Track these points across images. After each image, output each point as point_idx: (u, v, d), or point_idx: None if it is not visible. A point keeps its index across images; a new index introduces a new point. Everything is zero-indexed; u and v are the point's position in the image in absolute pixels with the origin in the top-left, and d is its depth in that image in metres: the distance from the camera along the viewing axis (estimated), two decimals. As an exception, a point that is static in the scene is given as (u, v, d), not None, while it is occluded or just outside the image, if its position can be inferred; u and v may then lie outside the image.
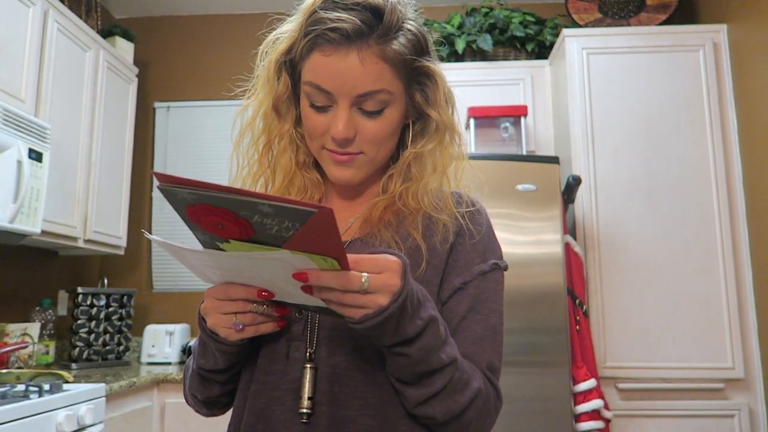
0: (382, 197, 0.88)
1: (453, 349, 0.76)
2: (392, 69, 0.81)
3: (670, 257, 2.48)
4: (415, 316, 0.70)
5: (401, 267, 0.68)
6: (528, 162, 2.40)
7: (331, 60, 0.79)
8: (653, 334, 2.44)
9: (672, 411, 2.38)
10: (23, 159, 2.13)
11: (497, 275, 0.87)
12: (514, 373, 2.20)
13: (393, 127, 0.85)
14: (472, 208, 0.88)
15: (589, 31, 2.73)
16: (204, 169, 3.44)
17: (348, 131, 0.81)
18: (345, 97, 0.80)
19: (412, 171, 0.88)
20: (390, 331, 0.69)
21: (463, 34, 3.00)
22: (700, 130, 2.56)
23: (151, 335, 3.05)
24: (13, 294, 2.73)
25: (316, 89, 0.81)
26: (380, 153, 0.85)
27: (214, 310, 0.75)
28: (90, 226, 2.71)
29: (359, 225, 0.88)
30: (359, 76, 0.79)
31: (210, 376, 0.86)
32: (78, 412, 1.92)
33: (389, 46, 0.80)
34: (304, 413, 0.77)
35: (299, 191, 0.91)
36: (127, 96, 3.09)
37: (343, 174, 0.85)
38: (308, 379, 0.78)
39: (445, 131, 0.89)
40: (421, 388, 0.75)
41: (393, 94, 0.82)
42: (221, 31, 3.54)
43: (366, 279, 0.65)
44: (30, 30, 2.33)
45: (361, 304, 0.66)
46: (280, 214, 0.58)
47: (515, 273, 2.24)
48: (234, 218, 0.60)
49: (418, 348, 0.71)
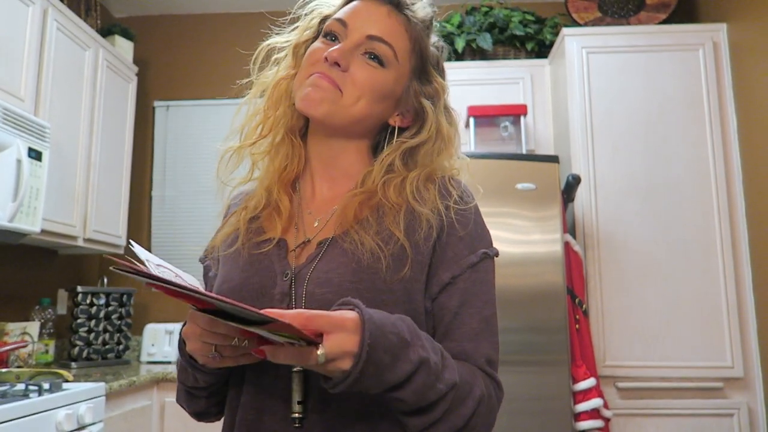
0: (360, 190, 0.84)
1: (451, 374, 0.73)
2: (409, 41, 0.87)
3: (669, 256, 2.48)
4: (399, 361, 0.67)
5: (357, 325, 0.65)
6: (527, 161, 2.40)
7: (364, 3, 0.86)
8: (652, 333, 2.44)
9: (671, 410, 2.38)
10: (23, 158, 2.13)
11: (487, 264, 0.84)
12: (514, 372, 2.20)
13: (382, 88, 0.84)
14: (459, 203, 0.84)
15: (589, 30, 2.73)
16: (203, 167, 3.43)
17: (342, 55, 0.82)
18: (356, 32, 0.84)
19: (395, 164, 0.86)
20: (371, 384, 0.67)
21: (462, 33, 3.00)
22: (700, 129, 2.56)
23: (151, 334, 3.05)
24: (13, 293, 2.73)
25: (334, 21, 0.86)
26: (357, 107, 0.83)
27: (196, 336, 0.72)
28: (89, 225, 2.71)
29: (335, 220, 0.84)
30: (379, 21, 0.84)
31: (194, 392, 0.86)
32: (78, 411, 1.92)
33: (415, 24, 0.87)
34: (296, 418, 0.75)
35: (283, 158, 0.90)
36: (126, 95, 3.09)
37: (309, 95, 0.82)
38: (297, 383, 0.76)
39: (438, 134, 0.88)
40: (423, 417, 0.73)
41: (398, 61, 0.85)
42: (221, 29, 3.54)
43: (322, 352, 0.63)
44: (29, 29, 2.33)
45: (326, 372, 0.66)
46: (237, 310, 0.61)
47: (514, 272, 2.24)
48: (196, 300, 0.63)
49: (411, 392, 0.69)
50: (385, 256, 0.78)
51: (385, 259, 0.78)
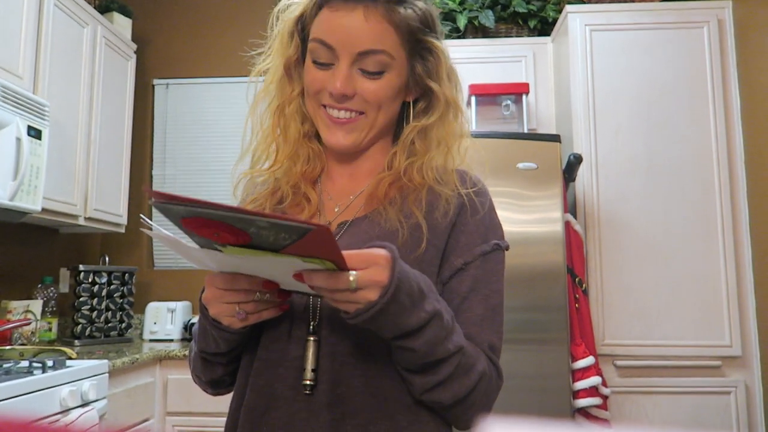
0: (388, 173, 0.88)
1: (459, 337, 0.76)
2: (396, 33, 0.83)
3: (670, 236, 2.48)
4: (416, 308, 0.70)
5: (389, 261, 0.68)
6: (529, 140, 2.39)
7: (338, 15, 0.81)
8: (652, 312, 2.45)
9: (669, 388, 2.41)
10: (22, 136, 2.12)
11: (498, 255, 0.87)
12: (514, 350, 2.22)
13: (392, 91, 0.85)
14: (475, 188, 0.88)
15: (593, 8, 2.69)
16: (204, 146, 3.42)
17: (345, 86, 0.82)
18: (346, 53, 0.82)
19: (416, 146, 0.89)
20: (388, 324, 0.70)
21: (464, 10, 2.96)
22: (703, 108, 2.54)
23: (153, 312, 3.07)
24: (15, 271, 2.74)
25: (319, 44, 0.83)
26: (380, 117, 0.86)
27: (217, 299, 0.75)
28: (90, 203, 2.71)
29: (364, 201, 0.88)
30: (362, 33, 0.81)
31: (212, 359, 0.87)
32: (81, 388, 1.95)
33: (396, 11, 0.82)
34: (308, 384, 0.78)
35: (304, 162, 0.92)
36: (125, 73, 3.07)
37: (336, 137, 0.85)
38: (311, 352, 0.78)
39: (448, 106, 0.89)
40: (428, 376, 0.76)
41: (394, 59, 0.84)
42: (220, 6, 3.49)
43: (354, 278, 0.65)
44: (26, 5, 2.30)
45: (352, 300, 0.67)
46: (277, 228, 0.60)
47: (515, 251, 2.22)
48: (230, 229, 0.62)
49: (423, 342, 0.72)
50: (403, 234, 0.82)
51: (402, 236, 0.81)
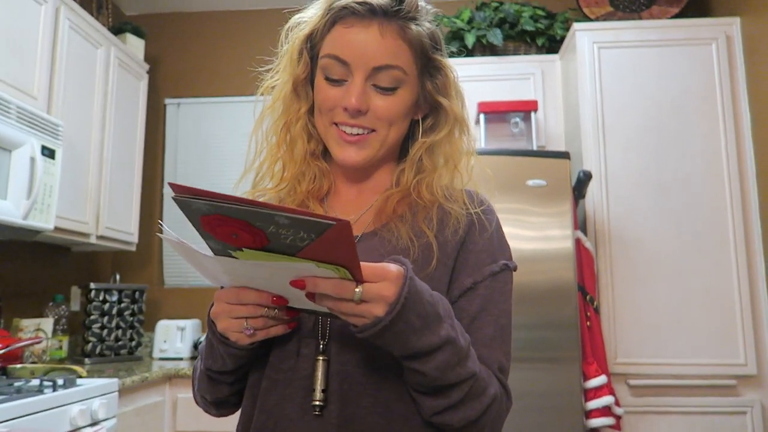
0: (396, 189, 0.88)
1: (473, 363, 0.75)
2: (410, 50, 0.84)
3: (681, 252, 2.46)
4: (428, 331, 0.69)
5: (399, 277, 0.67)
6: (538, 157, 2.39)
7: (353, 31, 0.82)
8: (664, 330, 2.42)
9: (683, 408, 2.37)
10: (36, 156, 2.15)
11: (507, 276, 0.87)
12: (525, 368, 2.20)
13: (405, 108, 0.86)
14: (483, 206, 0.89)
15: (600, 25, 2.70)
16: (214, 164, 3.45)
17: (361, 102, 0.82)
18: (361, 69, 0.82)
19: (424, 163, 0.89)
20: (396, 342, 0.68)
21: (473, 28, 2.99)
22: (713, 124, 2.53)
23: (163, 330, 3.07)
24: (27, 289, 2.76)
25: (333, 60, 0.83)
26: (391, 134, 0.86)
27: (225, 314, 0.74)
28: (102, 222, 2.73)
29: (372, 217, 0.88)
30: (378, 48, 0.81)
31: (218, 377, 0.86)
32: (91, 407, 1.94)
33: (409, 28, 0.84)
34: (317, 405, 0.77)
35: (310, 181, 0.92)
36: (138, 92, 3.11)
37: (348, 153, 0.85)
38: (321, 372, 0.78)
39: (455, 123, 0.90)
40: (438, 399, 0.75)
41: (407, 75, 0.84)
42: (230, 27, 3.55)
43: (360, 289, 0.64)
44: (42, 27, 2.35)
45: (358, 313, 0.66)
46: (297, 225, 0.59)
47: (526, 269, 2.23)
48: (249, 228, 0.60)
49: (433, 366, 0.71)
50: (414, 251, 0.82)
51: (413, 254, 0.81)
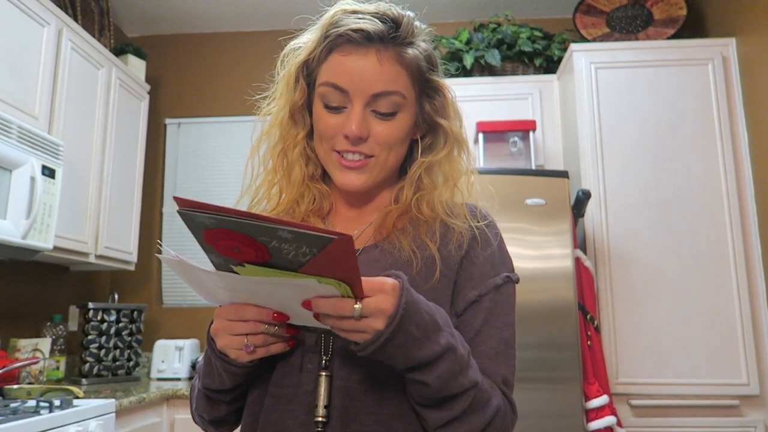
0: (395, 206, 0.89)
1: (474, 372, 0.75)
2: (407, 74, 0.84)
3: (681, 271, 2.46)
4: (428, 340, 0.69)
5: (396, 289, 0.67)
6: (537, 176, 2.40)
7: (350, 59, 0.82)
8: (666, 350, 2.41)
9: (686, 428, 2.34)
10: (36, 175, 2.16)
11: (509, 288, 0.88)
12: (526, 389, 2.18)
13: (404, 132, 0.86)
14: (485, 221, 0.89)
15: (597, 46, 2.73)
16: (214, 184, 3.46)
17: (361, 129, 0.82)
18: (360, 96, 0.82)
19: (424, 182, 0.90)
20: (398, 355, 0.68)
21: (471, 49, 3.02)
22: (710, 143, 2.55)
23: (161, 350, 3.05)
24: (25, 309, 2.75)
25: (332, 88, 0.83)
26: (390, 158, 0.86)
27: (225, 331, 0.74)
28: (101, 241, 2.73)
29: (372, 232, 0.89)
30: (376, 75, 0.82)
31: (216, 396, 0.85)
32: (88, 428, 1.92)
33: (406, 52, 0.84)
34: (320, 422, 0.76)
35: (310, 202, 0.92)
36: (138, 113, 3.13)
37: (349, 178, 0.86)
38: (324, 388, 0.77)
39: (454, 142, 0.91)
40: (442, 412, 0.74)
41: (406, 99, 0.85)
42: (231, 48, 3.58)
43: (359, 305, 0.64)
44: (44, 48, 2.37)
45: (359, 329, 0.66)
46: (299, 240, 0.59)
47: (525, 288, 2.22)
48: (251, 242, 0.60)
49: (436, 376, 0.70)
50: (417, 264, 0.82)
51: (417, 266, 0.82)
